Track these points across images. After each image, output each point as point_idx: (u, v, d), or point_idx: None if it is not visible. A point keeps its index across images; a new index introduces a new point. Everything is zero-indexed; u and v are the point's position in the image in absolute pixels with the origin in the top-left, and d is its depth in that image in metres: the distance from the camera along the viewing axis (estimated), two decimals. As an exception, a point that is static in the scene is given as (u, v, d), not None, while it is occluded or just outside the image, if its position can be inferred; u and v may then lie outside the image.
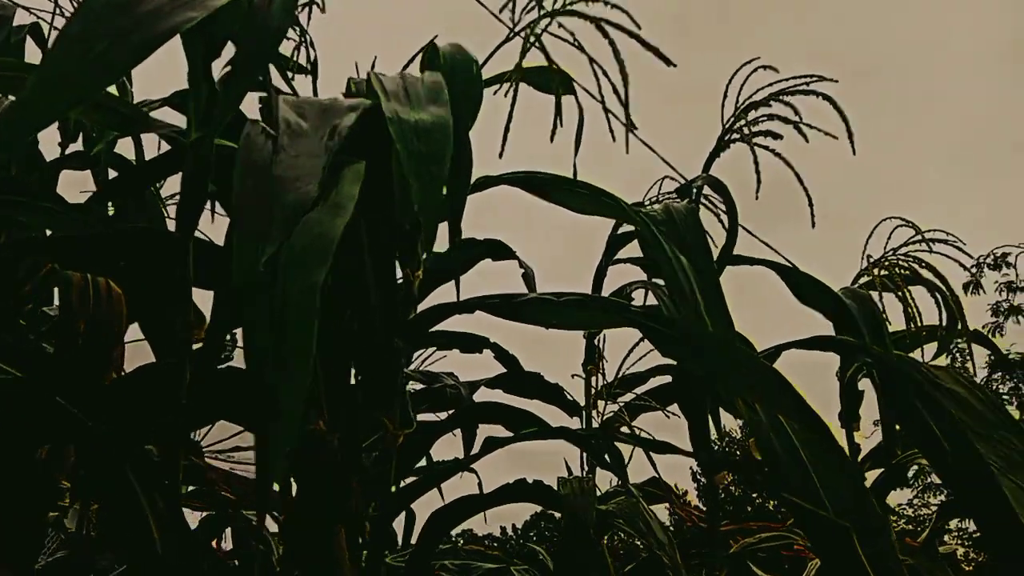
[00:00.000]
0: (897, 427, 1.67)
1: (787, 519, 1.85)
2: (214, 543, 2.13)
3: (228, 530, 2.01)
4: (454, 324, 2.08)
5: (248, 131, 0.79)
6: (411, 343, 1.21)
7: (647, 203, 1.91)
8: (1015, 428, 1.49)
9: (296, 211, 0.66)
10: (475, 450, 1.79)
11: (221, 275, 0.98)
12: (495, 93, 1.20)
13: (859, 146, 1.45)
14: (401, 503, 1.17)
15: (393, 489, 1.26)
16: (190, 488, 1.80)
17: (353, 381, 1.24)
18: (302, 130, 0.77)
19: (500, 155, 1.10)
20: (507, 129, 1.13)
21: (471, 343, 2.23)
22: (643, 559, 1.93)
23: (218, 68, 1.22)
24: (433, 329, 2.32)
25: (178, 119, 1.50)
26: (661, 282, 1.62)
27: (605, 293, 2.18)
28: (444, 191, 0.77)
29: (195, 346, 1.26)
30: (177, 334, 1.20)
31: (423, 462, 2.43)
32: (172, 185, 2.05)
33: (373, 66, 1.46)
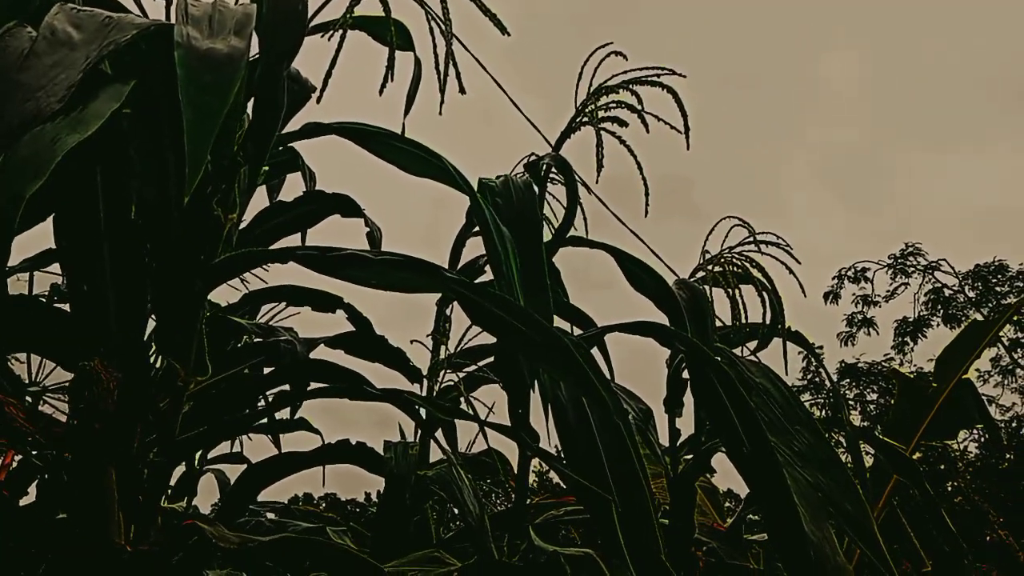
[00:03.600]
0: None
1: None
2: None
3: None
4: (314, 282, 2.04)
5: (8, 32, 0.72)
6: (213, 286, 1.16)
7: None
8: (809, 423, 1.59)
9: (29, 121, 0.61)
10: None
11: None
12: (328, 39, 1.16)
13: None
14: (185, 451, 1.13)
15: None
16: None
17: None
18: (70, 40, 0.72)
19: (318, 100, 1.07)
20: (328, 74, 1.09)
21: (323, 301, 2.18)
22: (460, 527, 1.96)
23: None
24: (285, 284, 2.27)
25: None
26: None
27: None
28: (217, 124, 0.73)
29: None
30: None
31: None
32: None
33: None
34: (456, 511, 1.86)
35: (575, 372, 1.05)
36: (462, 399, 2.23)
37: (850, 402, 14.76)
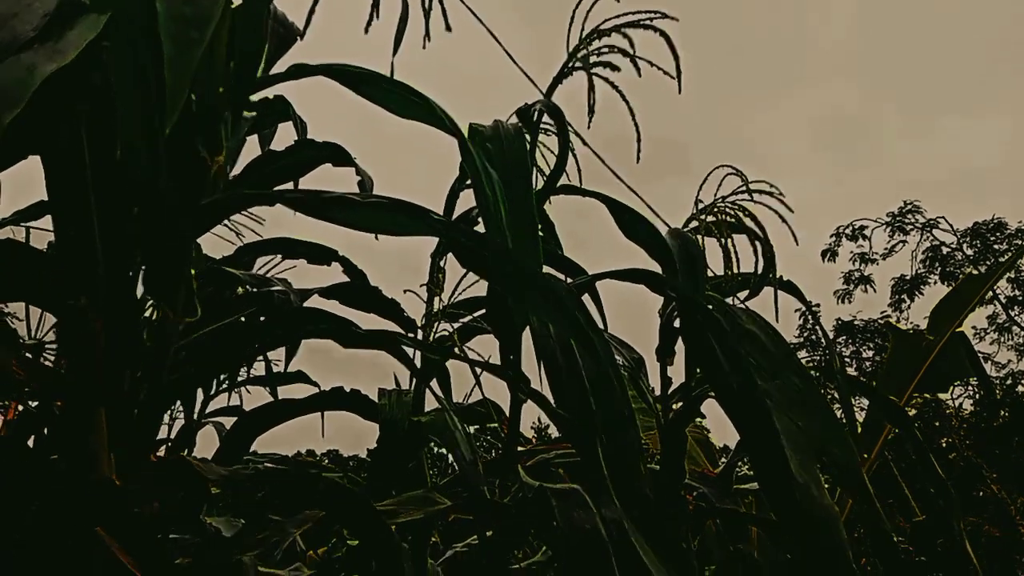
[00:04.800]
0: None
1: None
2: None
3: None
4: (312, 236, 2.05)
5: (-20, -38, 0.71)
6: (202, 230, 1.16)
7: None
8: (798, 369, 1.60)
9: (3, 49, 0.61)
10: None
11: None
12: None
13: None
14: (176, 393, 1.14)
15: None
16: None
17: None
18: (44, -31, 0.71)
19: (302, 36, 1.05)
20: (312, 10, 1.07)
21: (318, 254, 2.19)
22: (456, 472, 1.98)
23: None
24: (279, 237, 2.27)
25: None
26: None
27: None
28: (196, 57, 0.72)
29: None
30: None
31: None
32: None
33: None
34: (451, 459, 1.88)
35: (562, 313, 1.05)
36: (456, 349, 2.25)
37: (846, 359, 14.84)
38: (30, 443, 2.07)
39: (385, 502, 1.22)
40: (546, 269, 1.61)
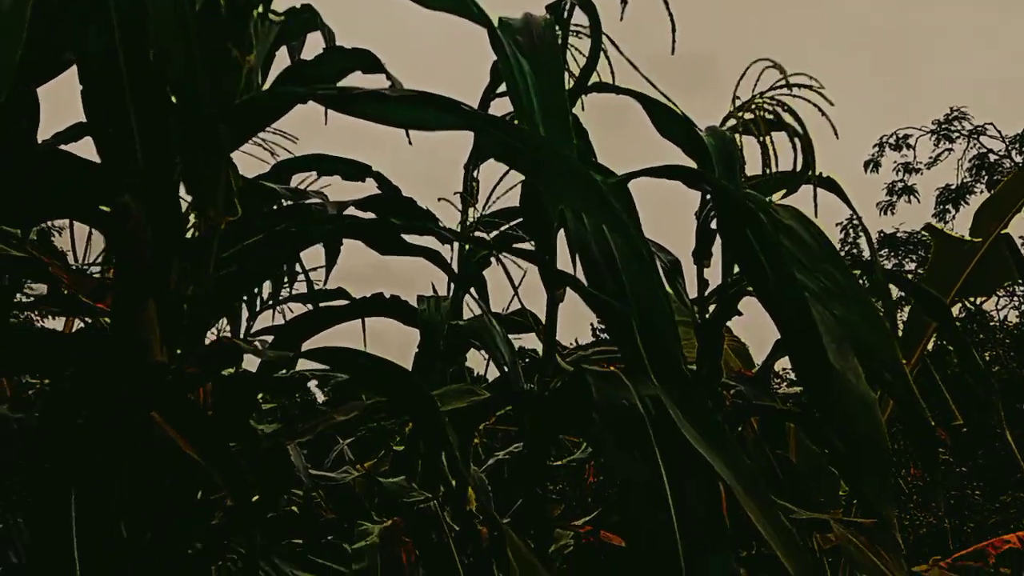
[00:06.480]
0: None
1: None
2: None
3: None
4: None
5: None
6: (239, 130, 1.17)
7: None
8: (838, 262, 1.59)
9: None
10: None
11: None
12: None
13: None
14: (222, 290, 1.17)
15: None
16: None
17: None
18: None
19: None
20: None
21: (353, 170, 2.19)
22: (499, 376, 2.02)
23: None
24: (314, 153, 2.28)
25: None
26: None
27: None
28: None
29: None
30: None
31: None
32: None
33: None
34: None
35: (595, 198, 1.05)
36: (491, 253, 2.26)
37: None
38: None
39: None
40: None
